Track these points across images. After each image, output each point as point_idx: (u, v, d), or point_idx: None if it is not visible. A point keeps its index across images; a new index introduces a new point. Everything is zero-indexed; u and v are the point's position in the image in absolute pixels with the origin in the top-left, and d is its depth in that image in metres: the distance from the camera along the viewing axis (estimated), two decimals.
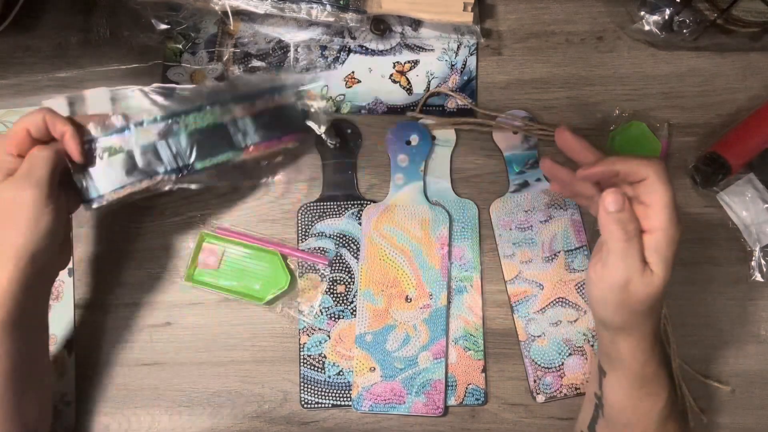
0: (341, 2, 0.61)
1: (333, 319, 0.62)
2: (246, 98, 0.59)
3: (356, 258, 0.63)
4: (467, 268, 0.63)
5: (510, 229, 0.63)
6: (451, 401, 0.60)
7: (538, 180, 0.64)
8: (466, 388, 0.60)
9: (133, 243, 0.64)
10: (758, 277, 0.62)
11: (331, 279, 0.63)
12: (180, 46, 0.66)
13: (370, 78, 0.66)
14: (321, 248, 0.63)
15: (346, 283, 0.63)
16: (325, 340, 0.62)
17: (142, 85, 0.56)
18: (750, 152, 0.62)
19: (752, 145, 0.61)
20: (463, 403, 0.60)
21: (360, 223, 0.64)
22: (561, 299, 0.62)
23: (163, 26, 0.65)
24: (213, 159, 0.58)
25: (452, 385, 0.60)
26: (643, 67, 0.66)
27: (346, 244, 0.63)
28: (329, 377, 0.61)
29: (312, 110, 0.61)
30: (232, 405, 0.61)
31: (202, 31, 0.66)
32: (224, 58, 0.66)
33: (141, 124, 0.56)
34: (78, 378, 0.62)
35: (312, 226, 0.64)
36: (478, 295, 0.62)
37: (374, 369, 0.61)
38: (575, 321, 0.61)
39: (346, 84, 0.66)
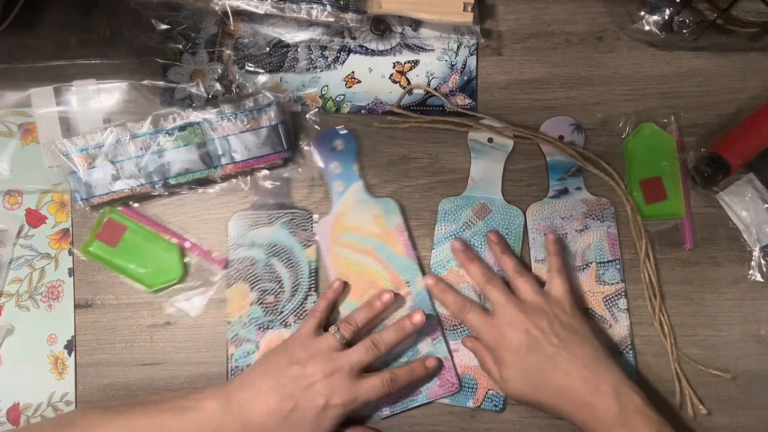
0: (341, 2, 0.61)
1: (262, 329, 0.62)
2: (229, 118, 0.60)
3: (287, 267, 0.62)
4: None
5: (544, 234, 0.63)
6: (469, 404, 0.60)
7: (578, 189, 0.64)
8: (486, 393, 0.60)
9: None
10: (758, 277, 0.62)
11: (261, 289, 0.62)
12: (180, 46, 0.66)
13: (370, 78, 0.66)
14: (250, 258, 0.62)
15: (276, 293, 0.62)
16: (254, 351, 0.61)
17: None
18: (750, 152, 0.62)
19: (752, 145, 0.62)
20: (481, 407, 0.60)
21: (292, 233, 0.63)
22: (587, 309, 0.62)
23: (163, 26, 0.65)
24: (189, 176, 0.61)
25: (472, 387, 0.60)
26: (643, 67, 0.66)
27: (277, 254, 0.63)
28: None
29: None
30: None
31: (202, 31, 0.66)
32: (224, 59, 0.66)
33: (127, 138, 0.60)
34: (78, 378, 0.62)
35: (243, 235, 0.63)
36: None
37: None
38: (599, 333, 0.61)
39: (346, 84, 0.66)
